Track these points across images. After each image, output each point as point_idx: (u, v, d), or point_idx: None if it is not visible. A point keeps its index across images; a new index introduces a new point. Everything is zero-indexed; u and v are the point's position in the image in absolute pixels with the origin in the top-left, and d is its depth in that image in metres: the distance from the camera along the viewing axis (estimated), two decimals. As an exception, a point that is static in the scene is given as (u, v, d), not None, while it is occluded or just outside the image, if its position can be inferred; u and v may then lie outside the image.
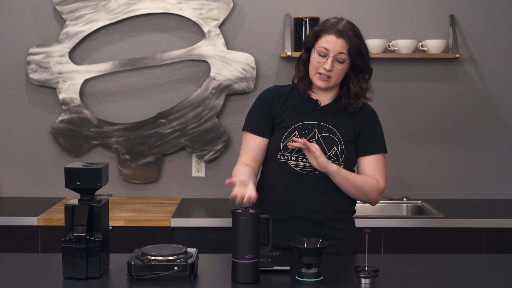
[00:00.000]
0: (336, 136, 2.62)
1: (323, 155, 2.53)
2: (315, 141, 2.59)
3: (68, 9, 3.97)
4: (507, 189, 4.14)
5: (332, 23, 2.61)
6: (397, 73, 4.08)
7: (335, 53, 2.57)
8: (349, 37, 2.57)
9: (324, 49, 2.58)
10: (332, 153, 2.61)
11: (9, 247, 3.48)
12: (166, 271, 2.27)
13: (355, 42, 2.58)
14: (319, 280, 2.26)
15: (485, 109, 4.10)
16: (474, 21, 4.06)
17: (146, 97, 4.08)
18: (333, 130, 2.63)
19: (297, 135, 2.62)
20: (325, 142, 2.61)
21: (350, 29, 2.59)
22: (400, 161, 4.12)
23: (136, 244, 3.07)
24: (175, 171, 4.11)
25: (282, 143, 2.62)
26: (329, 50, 2.57)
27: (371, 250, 2.49)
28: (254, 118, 2.70)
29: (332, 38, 2.57)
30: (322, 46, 2.58)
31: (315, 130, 2.62)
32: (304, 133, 2.61)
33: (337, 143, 2.61)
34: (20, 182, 4.09)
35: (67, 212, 2.32)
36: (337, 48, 2.57)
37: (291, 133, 2.62)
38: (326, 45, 2.57)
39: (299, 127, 2.63)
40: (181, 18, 4.03)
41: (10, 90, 4.05)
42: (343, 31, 2.57)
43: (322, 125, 2.63)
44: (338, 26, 2.58)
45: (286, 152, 2.62)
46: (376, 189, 2.65)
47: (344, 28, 2.58)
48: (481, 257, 2.86)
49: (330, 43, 2.57)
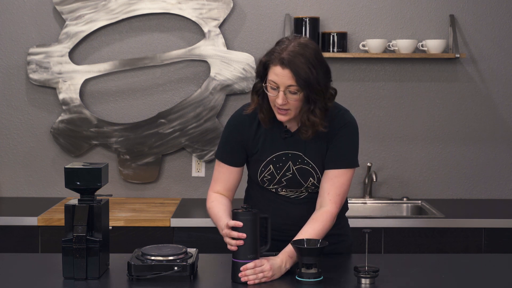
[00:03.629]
0: (310, 166, 2.49)
1: (274, 270, 2.29)
2: (291, 175, 2.50)
3: (68, 9, 3.97)
4: (507, 189, 4.14)
5: (277, 50, 2.35)
6: (397, 73, 4.08)
7: (285, 85, 2.33)
8: (293, 67, 2.29)
9: (273, 82, 2.35)
10: (309, 184, 2.52)
11: (9, 247, 3.48)
12: (166, 271, 2.27)
13: (301, 73, 2.29)
14: (319, 280, 2.26)
15: (485, 109, 4.10)
16: (474, 21, 4.06)
17: (146, 97, 4.08)
18: (306, 160, 2.49)
19: (272, 169, 2.51)
20: (300, 174, 2.51)
21: (296, 55, 2.30)
22: (400, 161, 4.12)
23: (136, 244, 3.07)
24: (175, 171, 4.11)
25: (259, 177, 2.55)
26: (278, 83, 2.33)
27: (371, 250, 2.49)
28: (226, 149, 2.57)
29: (279, 70, 2.32)
30: (270, 79, 2.35)
31: (290, 163, 2.50)
32: (279, 166, 2.51)
33: (312, 174, 2.51)
34: (20, 182, 4.09)
35: (67, 212, 2.32)
36: (285, 80, 2.32)
37: (266, 166, 2.51)
38: (274, 78, 2.34)
39: (273, 159, 2.51)
40: (181, 18, 4.03)
41: (10, 90, 4.05)
42: (287, 60, 2.30)
43: (296, 155, 2.50)
44: (283, 54, 2.31)
45: (265, 185, 2.56)
46: (330, 220, 2.45)
47: (290, 56, 2.30)
48: (481, 257, 2.86)
49: (277, 76, 2.33)
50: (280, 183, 2.53)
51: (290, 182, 2.53)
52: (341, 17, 4.05)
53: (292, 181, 2.53)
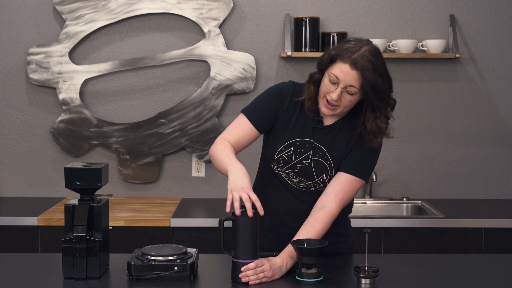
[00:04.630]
0: (328, 163, 2.49)
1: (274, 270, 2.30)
2: (307, 164, 2.50)
3: (68, 9, 3.97)
4: (507, 189, 4.14)
5: (349, 48, 2.35)
6: (397, 73, 4.08)
7: (346, 84, 2.35)
8: (364, 71, 2.32)
9: (335, 77, 2.35)
10: (320, 180, 2.51)
11: (9, 247, 3.48)
12: (166, 271, 2.26)
13: (370, 78, 2.32)
14: (319, 280, 2.26)
15: (485, 109, 4.10)
16: (474, 21, 4.06)
17: (146, 97, 4.08)
18: (326, 155, 2.49)
19: (292, 151, 2.50)
20: (316, 167, 2.50)
21: (369, 61, 2.33)
22: (400, 161, 4.12)
23: (136, 244, 3.07)
24: (175, 171, 4.11)
25: (276, 155, 2.52)
26: (340, 80, 2.35)
27: (371, 250, 2.48)
28: (259, 109, 2.53)
29: (346, 68, 2.34)
30: (333, 73, 2.36)
31: (310, 152, 2.50)
32: (299, 152, 2.50)
33: (327, 171, 2.50)
34: (20, 182, 4.09)
35: (67, 212, 2.31)
36: (349, 80, 2.34)
37: (288, 147, 2.51)
38: (338, 74, 2.35)
39: (297, 143, 2.51)
40: (181, 18, 4.03)
41: (10, 90, 4.05)
42: (359, 63, 2.32)
43: (318, 147, 2.50)
44: (355, 54, 2.33)
45: (278, 167, 2.54)
46: (331, 222, 2.45)
47: (361, 59, 2.32)
48: (481, 257, 2.86)
49: (342, 73, 2.34)
50: (294, 168, 2.52)
51: (304, 171, 2.51)
52: (341, 17, 4.05)
53: (305, 171, 2.51)
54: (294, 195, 2.57)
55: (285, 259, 2.34)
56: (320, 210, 2.45)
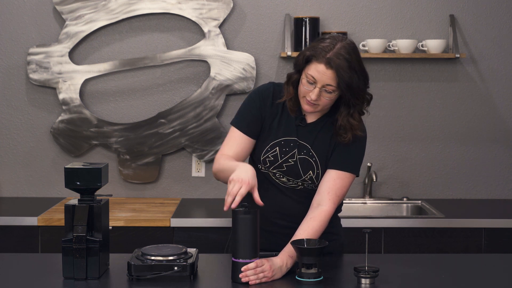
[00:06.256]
0: (313, 159, 2.51)
1: (274, 270, 2.30)
2: (293, 162, 2.52)
3: (68, 9, 3.97)
4: (507, 189, 4.14)
5: (324, 47, 2.36)
6: (397, 73, 4.08)
7: (323, 83, 2.37)
8: (339, 70, 2.34)
9: (312, 77, 2.38)
10: (307, 177, 2.52)
11: (9, 247, 3.48)
12: (166, 271, 2.26)
13: (345, 77, 2.34)
14: (319, 280, 2.26)
15: (485, 109, 4.10)
16: (474, 21, 4.06)
17: (146, 97, 4.08)
18: (311, 152, 2.51)
19: (277, 151, 2.52)
20: (302, 165, 2.52)
21: (344, 59, 2.34)
22: (400, 161, 4.12)
23: (136, 244, 3.07)
24: (175, 171, 4.11)
25: (263, 156, 2.54)
26: (317, 80, 2.37)
27: (371, 250, 2.49)
28: (245, 116, 2.56)
29: (321, 68, 2.35)
30: (310, 73, 2.38)
31: (295, 151, 2.51)
32: (285, 151, 2.52)
33: (313, 167, 2.52)
34: (20, 182, 4.09)
35: (67, 212, 2.31)
36: (325, 79, 2.36)
37: (273, 147, 2.53)
38: (314, 74, 2.37)
39: (282, 143, 2.52)
40: (181, 18, 4.03)
41: (10, 90, 4.05)
42: (333, 61, 2.33)
43: (303, 145, 2.52)
44: (329, 54, 2.34)
45: (265, 167, 2.56)
46: (327, 220, 2.47)
47: (336, 57, 2.34)
48: (481, 257, 2.86)
49: (318, 73, 2.36)
50: (280, 167, 2.54)
51: (290, 169, 2.53)
52: (341, 17, 4.05)
53: (292, 169, 2.53)
54: (284, 194, 2.58)
55: (285, 259, 2.34)
56: (315, 209, 2.47)
